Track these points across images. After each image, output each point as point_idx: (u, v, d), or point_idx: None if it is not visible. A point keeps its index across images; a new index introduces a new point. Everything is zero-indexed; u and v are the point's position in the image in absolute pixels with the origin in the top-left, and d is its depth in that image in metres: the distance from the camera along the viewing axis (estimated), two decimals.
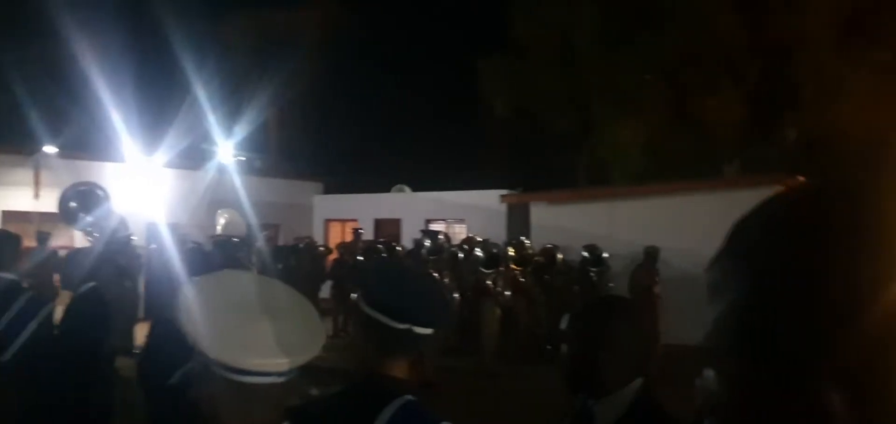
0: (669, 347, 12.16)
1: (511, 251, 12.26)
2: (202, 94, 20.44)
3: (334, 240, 18.38)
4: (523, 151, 22.20)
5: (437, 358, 10.00)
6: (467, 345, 11.11)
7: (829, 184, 0.61)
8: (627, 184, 17.70)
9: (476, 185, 18.42)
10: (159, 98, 21.00)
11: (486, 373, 10.38)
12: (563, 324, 2.18)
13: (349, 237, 16.59)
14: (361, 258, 12.61)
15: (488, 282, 10.98)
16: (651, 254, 11.99)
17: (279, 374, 1.45)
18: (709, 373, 0.65)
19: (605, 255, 12.68)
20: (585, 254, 12.72)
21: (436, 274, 10.42)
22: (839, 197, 0.59)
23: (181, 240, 12.28)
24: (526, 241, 13.13)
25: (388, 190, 20.60)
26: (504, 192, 17.65)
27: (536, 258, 12.94)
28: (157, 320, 4.09)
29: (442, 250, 11.70)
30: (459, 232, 17.71)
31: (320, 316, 1.76)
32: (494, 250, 11.52)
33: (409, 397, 1.89)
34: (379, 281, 2.05)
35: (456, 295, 10.96)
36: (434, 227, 18.63)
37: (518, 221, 16.61)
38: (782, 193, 0.64)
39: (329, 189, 22.33)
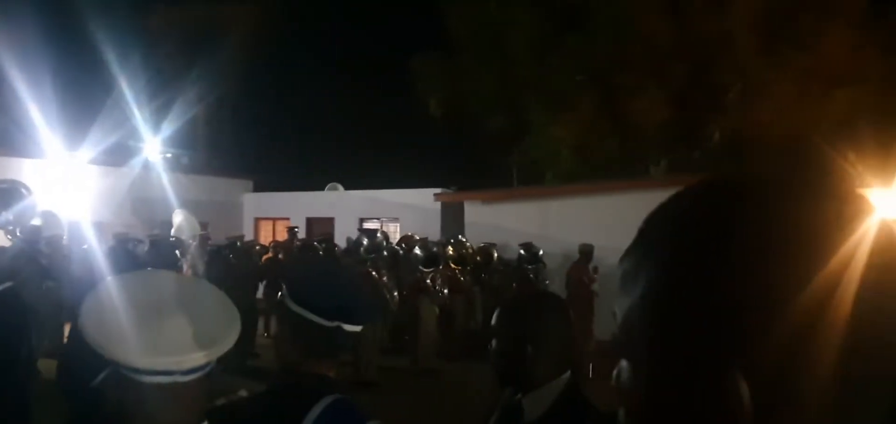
0: (602, 343, 12.44)
1: (450, 250, 12.30)
2: (128, 89, 19.87)
3: (265, 239, 18.12)
4: (457, 151, 22.31)
5: (377, 358, 10.01)
6: (405, 344, 11.11)
7: (742, 178, 0.62)
8: (559, 184, 17.94)
9: (410, 184, 18.42)
10: (83, 93, 20.34)
11: (424, 371, 10.40)
12: (493, 319, 2.20)
13: (282, 236, 16.40)
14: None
15: (427, 281, 10.95)
16: (585, 252, 12.19)
17: (184, 372, 1.42)
18: (623, 365, 0.64)
19: (541, 252, 12.83)
20: (522, 252, 12.84)
21: (374, 273, 10.45)
22: (751, 192, 0.60)
23: (121, 238, 11.99)
24: (464, 240, 13.11)
25: (320, 188, 20.41)
26: (438, 191, 17.69)
27: (478, 258, 13.03)
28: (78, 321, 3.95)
29: (380, 249, 11.63)
30: (393, 231, 17.68)
31: (256, 316, 1.74)
32: (434, 249, 11.50)
33: (338, 395, 1.86)
34: (306, 279, 2.02)
35: (394, 294, 10.91)
36: (368, 226, 18.58)
37: (452, 219, 16.67)
38: (694, 185, 0.64)
39: (259, 187, 22.01)
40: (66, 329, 9.31)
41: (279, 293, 1.97)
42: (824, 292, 0.53)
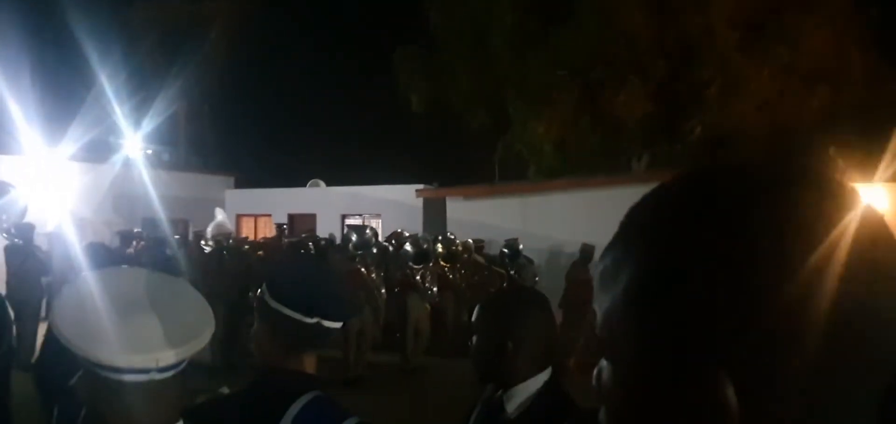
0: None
1: (439, 247, 12.11)
2: (108, 85, 19.68)
3: (247, 236, 18.04)
4: (439, 146, 22.28)
5: (367, 355, 9.93)
6: (395, 341, 10.98)
7: (721, 172, 0.61)
8: (541, 179, 17.98)
9: (392, 179, 18.42)
10: (63, 89, 20.13)
11: (414, 368, 10.34)
12: (473, 316, 2.21)
13: (264, 233, 16.35)
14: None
15: (417, 278, 10.84)
16: (586, 252, 12.13)
17: (159, 370, 1.42)
18: (604, 364, 0.64)
19: (521, 248, 12.86)
20: (505, 249, 12.83)
21: (363, 269, 10.33)
22: (731, 185, 0.59)
23: (125, 236, 11.90)
24: (453, 236, 13.01)
25: (302, 185, 20.35)
26: (419, 186, 17.70)
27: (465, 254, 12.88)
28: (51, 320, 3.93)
29: (369, 245, 11.42)
30: (376, 227, 17.66)
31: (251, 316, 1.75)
32: (425, 246, 11.33)
33: (317, 392, 1.86)
34: (285, 275, 2.02)
35: (383, 291, 10.77)
36: (350, 222, 18.57)
37: (434, 215, 16.68)
38: (674, 180, 0.63)
39: (241, 183, 21.92)
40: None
41: (259, 290, 1.97)
42: (808, 286, 0.52)
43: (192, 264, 10.92)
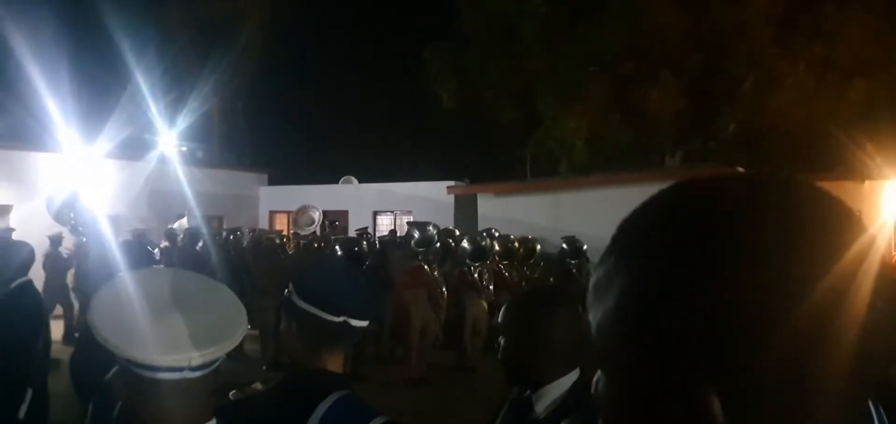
0: None
1: (495, 245, 11.83)
2: (143, 83, 19.97)
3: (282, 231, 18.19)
4: (470, 143, 22.28)
5: (429, 355, 9.71)
6: (454, 340, 10.66)
7: (714, 182, 0.61)
8: (573, 175, 17.90)
9: (423, 176, 18.45)
10: (99, 87, 20.40)
11: (472, 367, 10.15)
12: (500, 316, 2.21)
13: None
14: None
15: (475, 276, 10.56)
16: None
17: (193, 368, 1.44)
18: (600, 374, 0.64)
19: (585, 247, 12.70)
20: (564, 245, 12.72)
21: (426, 267, 10.04)
22: (725, 197, 0.58)
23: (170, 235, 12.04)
24: (511, 235, 12.70)
25: (334, 181, 20.46)
26: (451, 183, 17.71)
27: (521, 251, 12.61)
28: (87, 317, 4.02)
29: (431, 242, 10.98)
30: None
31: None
32: (483, 244, 11.05)
33: (345, 391, 1.87)
34: (312, 275, 2.03)
35: (444, 290, 10.37)
36: (382, 219, 18.65)
37: (465, 212, 16.68)
38: (666, 190, 0.63)
39: (274, 180, 22.12)
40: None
41: (286, 290, 1.98)
42: (791, 299, 0.52)
43: (228, 260, 10.99)
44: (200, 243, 11.96)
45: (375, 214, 18.81)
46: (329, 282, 2.01)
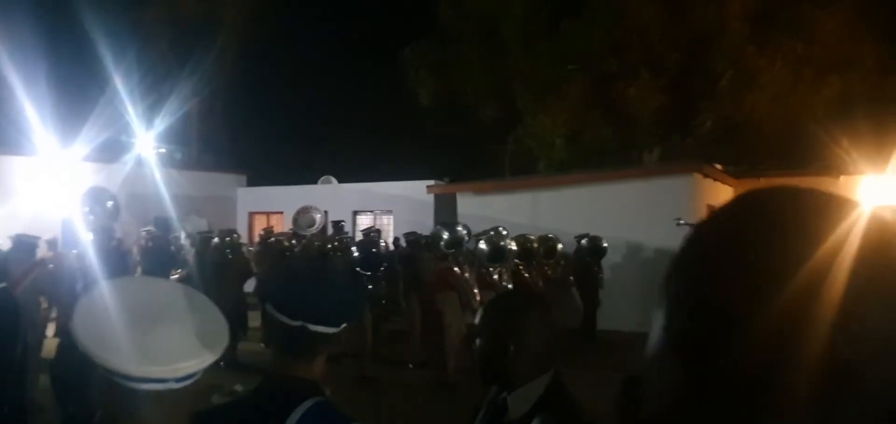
0: (606, 333, 12.45)
1: (512, 244, 11.21)
2: (121, 85, 19.80)
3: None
4: (450, 142, 22.26)
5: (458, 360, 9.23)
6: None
7: (755, 212, 0.61)
8: (552, 173, 17.97)
9: (403, 175, 18.42)
10: (76, 90, 20.20)
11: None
12: (477, 318, 2.22)
13: (279, 230, 16.31)
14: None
15: (495, 277, 10.18)
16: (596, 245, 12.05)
17: (177, 380, 1.44)
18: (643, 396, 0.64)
19: (605, 245, 12.72)
20: (583, 242, 12.70)
21: (456, 269, 9.65)
22: (762, 227, 0.58)
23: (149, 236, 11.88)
24: (530, 235, 12.07)
25: (313, 182, 20.38)
26: (430, 182, 17.70)
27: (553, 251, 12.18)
28: (66, 325, 4.02)
29: (462, 242, 10.46)
30: (386, 224, 17.71)
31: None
32: (501, 244, 10.60)
33: (320, 398, 1.86)
34: (276, 279, 2.03)
35: (476, 291, 9.72)
36: (361, 219, 18.61)
37: (445, 211, 16.68)
38: (708, 218, 0.64)
39: (253, 181, 22.00)
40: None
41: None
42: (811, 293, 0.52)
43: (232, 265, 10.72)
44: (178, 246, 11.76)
45: (355, 214, 18.76)
46: (291, 287, 1.98)
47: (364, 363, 9.40)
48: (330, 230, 14.99)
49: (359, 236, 12.88)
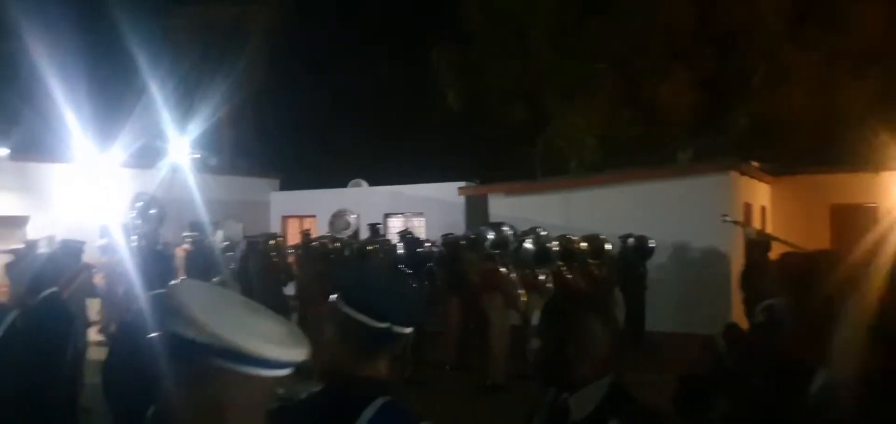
0: (652, 335, 12.30)
1: (555, 245, 10.89)
2: (156, 92, 20.13)
3: (293, 237, 18.21)
4: (479, 143, 22.26)
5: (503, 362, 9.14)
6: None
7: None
8: (584, 173, 17.88)
9: (433, 178, 18.44)
10: (112, 98, 20.58)
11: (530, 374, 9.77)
12: (534, 319, 2.22)
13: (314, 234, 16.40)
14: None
15: (541, 277, 9.97)
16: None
17: (289, 366, 1.38)
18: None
19: (652, 245, 12.53)
20: (629, 241, 12.57)
21: (503, 269, 9.50)
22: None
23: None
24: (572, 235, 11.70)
25: (344, 185, 20.49)
26: (462, 184, 17.70)
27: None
28: (121, 323, 4.08)
29: (508, 243, 10.22)
30: (418, 226, 17.72)
31: None
32: (548, 245, 10.33)
33: (389, 397, 1.89)
34: (358, 282, 2.05)
35: (522, 293, 9.56)
36: (393, 221, 18.67)
37: (476, 213, 16.68)
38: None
39: (285, 185, 22.17)
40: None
41: (330, 297, 2.00)
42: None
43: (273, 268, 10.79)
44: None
45: (386, 216, 18.82)
46: (373, 288, 2.04)
47: (405, 364, 9.37)
48: (363, 233, 15.05)
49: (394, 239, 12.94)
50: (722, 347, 3.52)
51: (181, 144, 20.19)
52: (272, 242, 11.64)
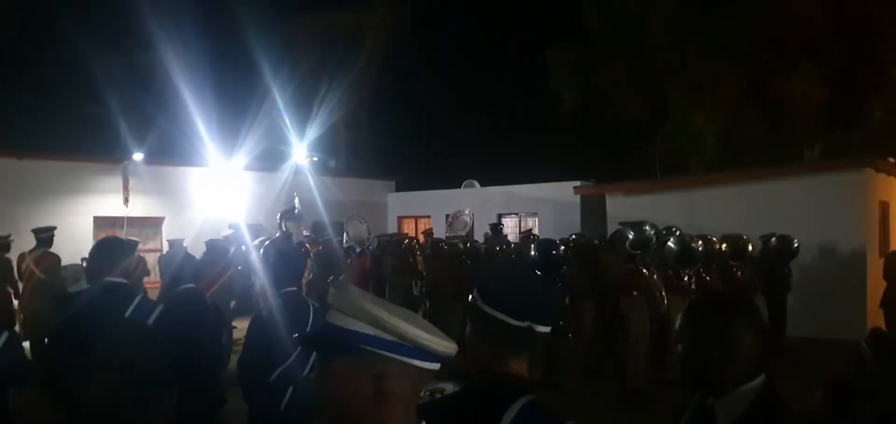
0: (793, 340, 11.71)
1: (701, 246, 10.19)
2: (276, 98, 21.02)
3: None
4: (595, 142, 21.99)
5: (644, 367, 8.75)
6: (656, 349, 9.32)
7: None
8: (705, 172, 17.32)
9: (547, 177, 18.30)
10: (236, 104, 21.63)
11: (674, 380, 9.39)
12: (677, 323, 2.17)
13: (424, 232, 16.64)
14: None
15: (685, 279, 9.53)
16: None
17: (448, 358, 1.42)
18: None
19: (796, 245, 11.74)
20: (773, 241, 11.82)
21: (644, 270, 9.07)
22: None
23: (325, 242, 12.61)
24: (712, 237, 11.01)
25: (457, 186, 20.63)
26: (577, 183, 17.49)
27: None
28: (254, 319, 4.25)
29: (649, 244, 9.78)
30: (532, 226, 17.65)
31: None
32: (692, 245, 9.76)
33: (532, 396, 1.89)
34: (497, 281, 2.06)
35: (662, 293, 9.18)
36: (507, 221, 18.66)
37: (592, 212, 16.46)
38: None
39: (401, 187, 22.56)
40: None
41: (470, 297, 2.02)
42: None
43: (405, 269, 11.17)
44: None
45: (500, 216, 18.84)
46: (515, 288, 2.04)
47: (536, 366, 9.08)
48: (476, 234, 15.14)
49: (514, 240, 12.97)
50: (867, 353, 3.36)
51: (301, 147, 20.94)
52: (407, 242, 11.82)
